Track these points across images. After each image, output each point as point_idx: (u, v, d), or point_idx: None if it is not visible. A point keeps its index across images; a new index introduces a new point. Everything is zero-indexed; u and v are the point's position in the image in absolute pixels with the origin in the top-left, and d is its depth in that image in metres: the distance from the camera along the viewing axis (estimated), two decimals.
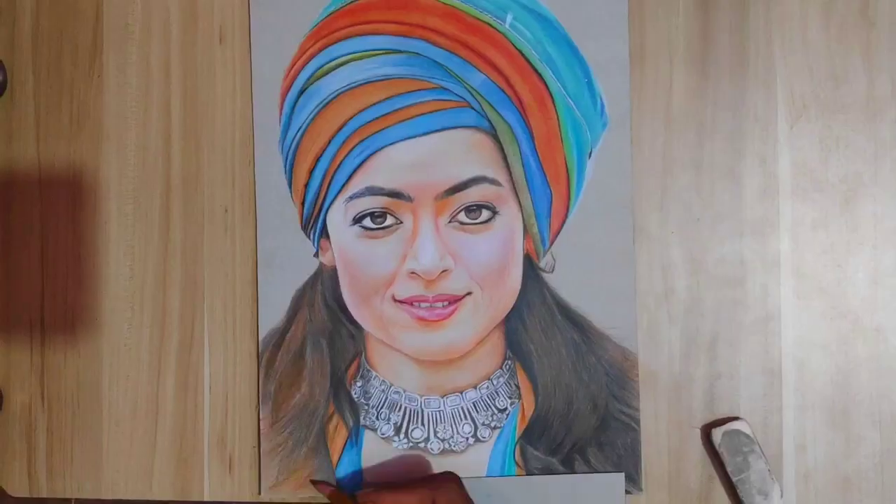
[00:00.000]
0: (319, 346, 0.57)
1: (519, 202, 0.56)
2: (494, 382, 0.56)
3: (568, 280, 0.56)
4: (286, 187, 0.58)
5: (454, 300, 0.56)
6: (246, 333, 0.58)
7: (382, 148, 0.56)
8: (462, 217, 0.56)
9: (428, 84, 0.56)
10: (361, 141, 0.56)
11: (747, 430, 0.53)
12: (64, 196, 0.59)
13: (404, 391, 0.57)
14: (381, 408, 0.57)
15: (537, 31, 0.56)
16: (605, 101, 0.56)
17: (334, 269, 0.57)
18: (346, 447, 0.57)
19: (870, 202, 0.55)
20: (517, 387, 0.56)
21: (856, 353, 0.55)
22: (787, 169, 0.55)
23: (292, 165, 0.57)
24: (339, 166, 0.57)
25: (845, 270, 0.55)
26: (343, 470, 0.57)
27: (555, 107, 0.56)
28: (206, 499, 0.58)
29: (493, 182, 0.56)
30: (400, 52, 0.57)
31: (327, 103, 0.57)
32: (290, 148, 0.57)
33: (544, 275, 0.56)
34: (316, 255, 0.57)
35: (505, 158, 0.56)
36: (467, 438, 0.56)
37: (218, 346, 0.58)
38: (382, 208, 0.56)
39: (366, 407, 0.57)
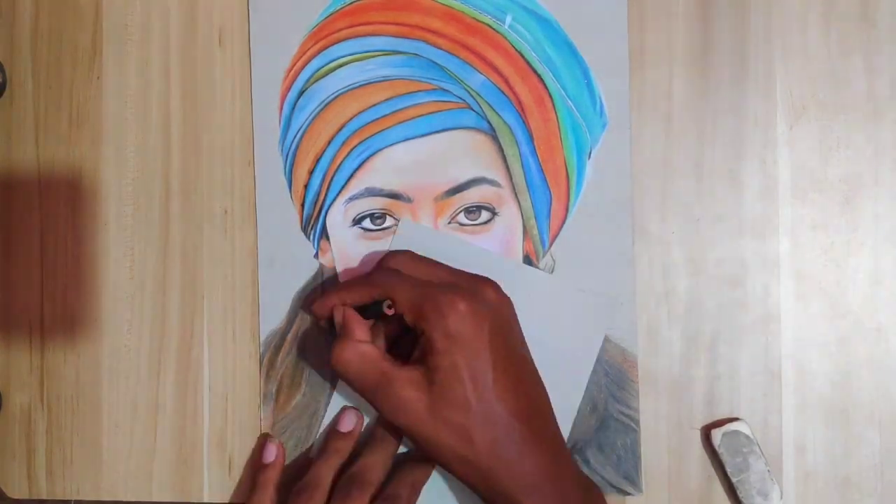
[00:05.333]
0: (320, 347, 0.57)
1: (518, 203, 0.56)
2: None
3: (567, 281, 0.56)
4: (286, 188, 0.58)
5: None
6: (246, 335, 0.58)
7: (382, 149, 0.56)
8: (461, 218, 0.56)
9: (427, 85, 0.56)
10: (361, 142, 0.56)
11: (747, 431, 0.53)
12: (63, 197, 0.59)
13: None
14: None
15: (537, 32, 0.56)
16: (604, 102, 0.56)
17: (335, 271, 0.57)
18: None
19: (870, 203, 0.55)
20: None
21: (856, 353, 0.55)
22: (786, 170, 0.55)
23: (292, 167, 0.57)
24: (338, 167, 0.57)
25: (845, 271, 0.55)
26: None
27: (554, 108, 0.56)
28: (205, 500, 0.58)
29: (493, 183, 0.56)
30: (399, 53, 0.57)
31: (327, 104, 0.57)
32: (289, 149, 0.57)
33: None
34: (316, 256, 0.57)
35: (504, 159, 0.56)
36: None
37: (218, 347, 0.58)
38: (382, 209, 0.56)
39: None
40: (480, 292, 0.49)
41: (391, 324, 0.51)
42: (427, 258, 0.52)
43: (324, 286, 0.57)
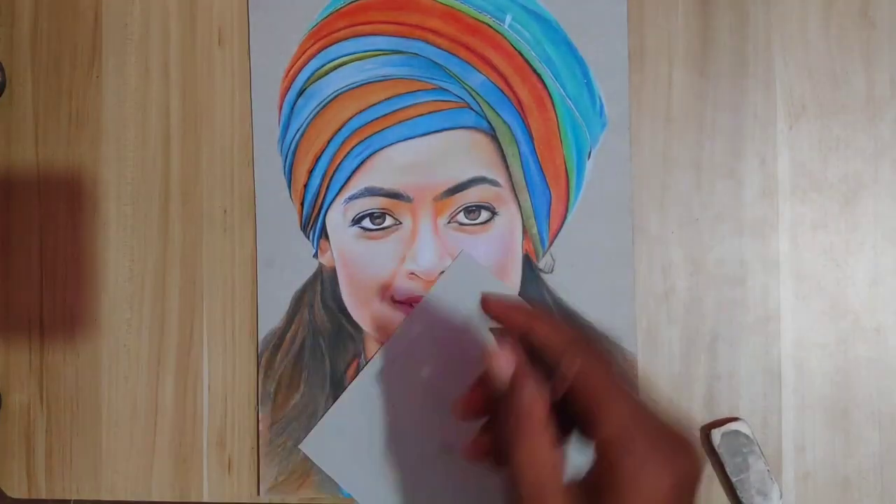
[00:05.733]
0: (319, 347, 0.57)
1: (518, 203, 0.56)
2: None
3: (567, 280, 0.56)
4: (285, 188, 0.58)
5: None
6: (245, 334, 0.58)
7: (381, 149, 0.56)
8: (461, 218, 0.56)
9: (427, 85, 0.56)
10: (360, 142, 0.56)
11: (747, 431, 0.53)
12: (63, 197, 0.59)
13: None
14: None
15: (536, 31, 0.56)
16: (604, 102, 0.56)
17: (334, 270, 0.57)
18: None
19: (870, 202, 0.55)
20: None
21: (856, 353, 0.55)
22: (786, 169, 0.55)
23: (291, 166, 0.57)
24: (338, 167, 0.57)
25: (845, 270, 0.55)
26: None
27: (554, 107, 0.56)
28: (205, 500, 0.58)
29: (493, 183, 0.56)
30: (399, 52, 0.57)
31: (326, 104, 0.57)
32: (289, 149, 0.57)
33: (543, 275, 0.56)
34: (315, 255, 0.57)
35: (504, 159, 0.56)
36: None
37: (217, 347, 0.58)
38: (381, 209, 0.56)
39: None
40: (683, 461, 0.39)
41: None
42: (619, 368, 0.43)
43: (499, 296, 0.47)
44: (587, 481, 0.39)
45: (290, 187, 0.57)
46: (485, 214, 0.56)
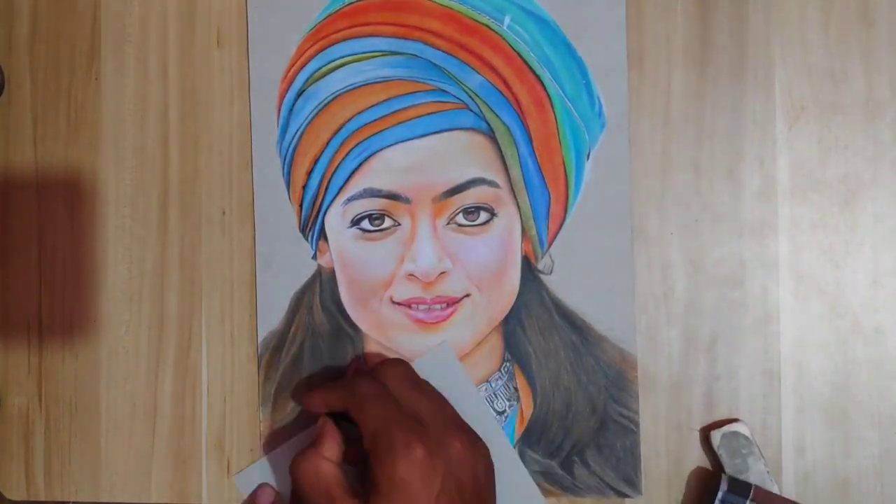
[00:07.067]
0: (318, 349, 0.57)
1: (517, 204, 0.56)
2: (493, 385, 0.56)
3: (566, 281, 0.56)
4: (284, 189, 0.57)
5: (452, 302, 0.56)
6: (244, 336, 0.58)
7: (380, 150, 0.56)
8: (460, 219, 0.56)
9: (426, 86, 0.56)
10: (359, 143, 0.56)
11: (746, 432, 0.53)
12: (61, 199, 0.59)
13: None
14: None
15: (535, 32, 0.56)
16: (603, 103, 0.56)
17: (333, 272, 0.57)
18: None
19: (869, 203, 0.55)
20: (516, 389, 0.56)
21: (855, 354, 0.55)
22: (785, 170, 0.55)
23: (290, 167, 0.57)
24: (336, 168, 0.57)
25: (844, 271, 0.55)
26: None
27: (553, 108, 0.56)
28: (204, 502, 0.58)
29: (492, 184, 0.56)
30: (398, 54, 0.57)
31: (325, 105, 0.57)
32: (287, 150, 0.57)
33: (543, 276, 0.56)
34: (314, 257, 0.57)
35: (503, 160, 0.56)
36: None
37: (216, 348, 0.58)
38: (380, 210, 0.56)
39: None
40: (447, 442, 0.46)
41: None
42: (421, 383, 0.50)
43: (311, 380, 0.57)
44: (365, 481, 0.46)
45: (288, 189, 0.57)
46: (484, 216, 0.56)
